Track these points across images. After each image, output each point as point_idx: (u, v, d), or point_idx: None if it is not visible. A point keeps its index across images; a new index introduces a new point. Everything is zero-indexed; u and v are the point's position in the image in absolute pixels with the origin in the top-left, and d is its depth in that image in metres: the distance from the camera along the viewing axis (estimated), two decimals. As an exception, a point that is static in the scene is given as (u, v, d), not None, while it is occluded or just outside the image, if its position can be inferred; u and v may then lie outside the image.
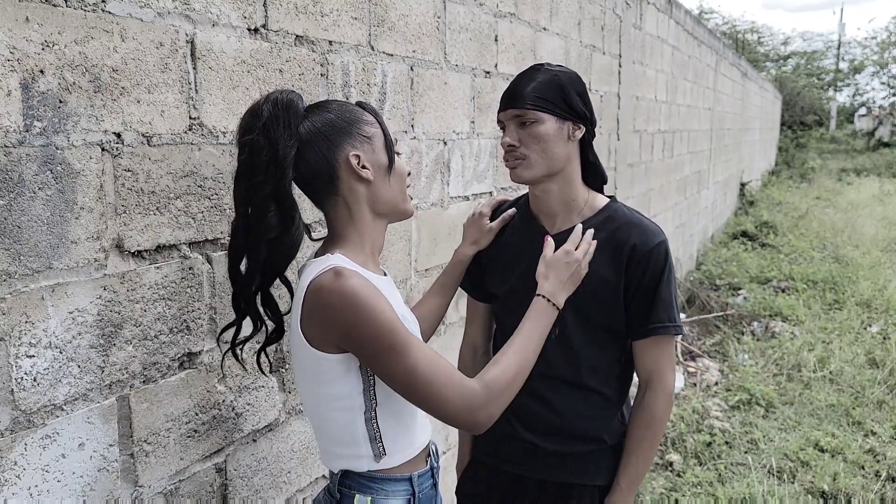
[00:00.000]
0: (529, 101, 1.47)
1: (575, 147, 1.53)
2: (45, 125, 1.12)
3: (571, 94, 1.48)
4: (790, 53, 35.15)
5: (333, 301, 1.13)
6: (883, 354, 4.96)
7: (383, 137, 1.27)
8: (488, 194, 2.74)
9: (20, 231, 1.09)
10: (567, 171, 1.53)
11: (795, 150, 23.50)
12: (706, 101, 8.03)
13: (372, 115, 1.28)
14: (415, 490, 1.29)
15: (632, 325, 1.54)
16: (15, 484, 1.11)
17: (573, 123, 1.50)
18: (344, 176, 1.22)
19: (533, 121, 1.47)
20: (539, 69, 1.52)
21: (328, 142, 1.21)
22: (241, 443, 1.58)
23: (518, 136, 1.49)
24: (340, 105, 1.26)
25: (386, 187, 1.26)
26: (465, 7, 2.43)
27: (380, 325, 1.13)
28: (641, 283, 1.50)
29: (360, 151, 1.23)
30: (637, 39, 4.69)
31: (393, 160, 1.27)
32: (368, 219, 1.27)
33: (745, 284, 6.96)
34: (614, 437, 1.60)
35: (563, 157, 1.51)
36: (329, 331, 1.17)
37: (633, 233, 1.51)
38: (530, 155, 1.49)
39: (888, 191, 14.83)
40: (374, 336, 1.13)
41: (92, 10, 1.18)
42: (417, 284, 2.29)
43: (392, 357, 1.14)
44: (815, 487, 3.31)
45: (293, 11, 1.63)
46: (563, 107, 1.48)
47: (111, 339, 1.25)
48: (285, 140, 1.17)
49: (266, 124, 1.17)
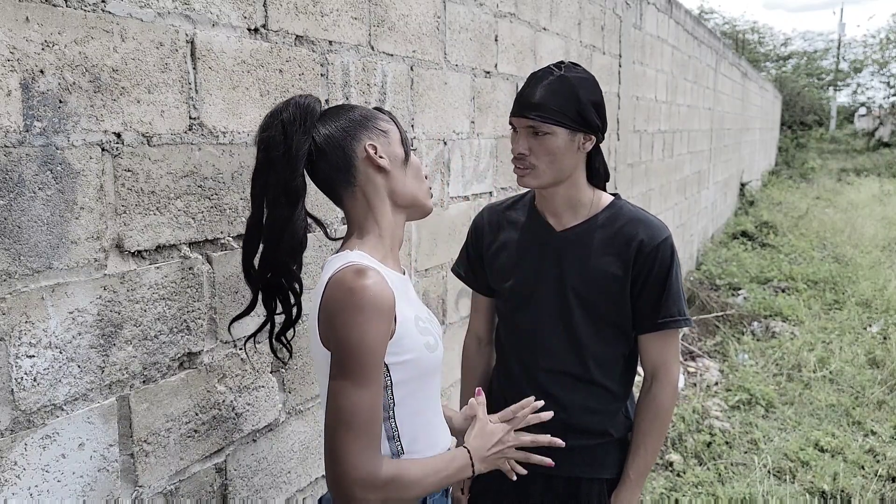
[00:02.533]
0: (543, 114, 1.46)
1: (583, 155, 1.54)
2: (45, 125, 1.12)
3: (586, 107, 1.47)
4: (790, 53, 35.14)
5: (341, 296, 1.13)
6: (883, 354, 4.96)
7: (398, 133, 1.29)
8: (488, 194, 2.75)
9: (20, 231, 1.09)
10: (574, 176, 1.55)
11: (795, 150, 23.49)
12: (706, 101, 8.03)
13: (387, 115, 1.31)
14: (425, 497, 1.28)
15: (640, 320, 1.56)
16: (15, 484, 1.11)
17: (584, 135, 1.50)
18: (361, 166, 1.23)
19: (546, 133, 1.47)
20: (555, 73, 1.49)
21: (345, 134, 1.23)
22: (241, 443, 1.58)
23: (529, 144, 1.49)
24: (356, 106, 1.30)
25: (403, 179, 1.28)
26: (465, 7, 2.43)
27: (365, 340, 1.11)
28: (649, 279, 1.52)
29: (376, 143, 1.25)
30: (637, 39, 4.69)
31: (409, 154, 1.29)
32: (388, 210, 1.27)
33: (745, 284, 6.96)
34: (620, 431, 1.62)
35: (571, 167, 1.52)
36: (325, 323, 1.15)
37: (639, 229, 1.53)
38: (539, 165, 1.50)
39: (888, 191, 14.82)
40: (352, 346, 1.11)
41: (92, 10, 1.18)
42: (417, 284, 2.29)
43: (346, 377, 1.12)
44: (815, 487, 3.31)
45: (293, 11, 1.63)
46: (576, 119, 1.47)
47: (111, 339, 1.25)
48: (299, 136, 1.19)
49: (283, 121, 1.19)
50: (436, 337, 1.27)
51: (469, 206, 2.60)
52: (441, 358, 1.28)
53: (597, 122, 1.50)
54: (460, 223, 2.54)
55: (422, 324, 1.25)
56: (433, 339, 1.25)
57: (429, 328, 1.27)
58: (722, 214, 10.29)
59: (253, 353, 1.59)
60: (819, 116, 30.92)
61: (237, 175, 1.51)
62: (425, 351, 1.22)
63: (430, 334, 1.25)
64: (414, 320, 1.23)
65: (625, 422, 1.64)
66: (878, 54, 31.28)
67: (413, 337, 1.21)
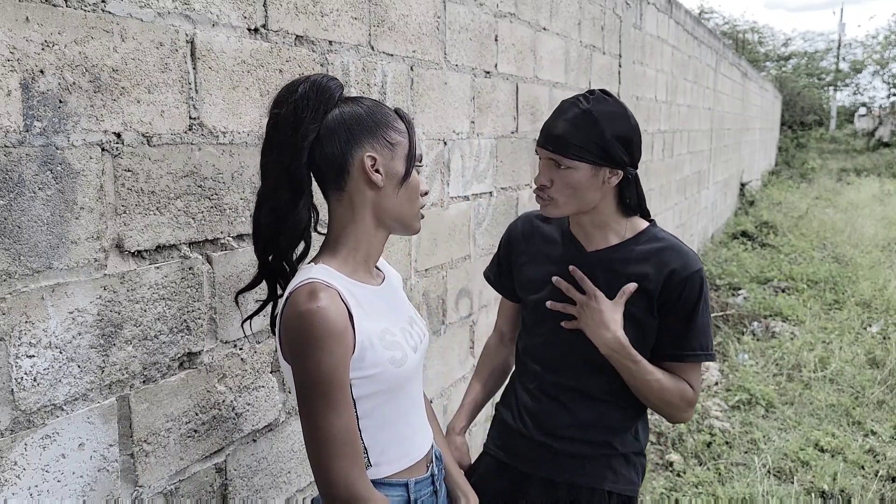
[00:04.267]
0: (564, 150, 1.44)
1: (610, 188, 1.50)
2: (45, 125, 1.12)
3: (610, 142, 1.43)
4: (791, 54, 35.13)
5: (293, 323, 1.12)
6: (883, 354, 4.96)
7: (408, 148, 1.23)
8: (488, 194, 2.75)
9: (20, 231, 1.09)
10: (600, 206, 1.52)
11: (795, 150, 23.49)
12: (706, 101, 8.03)
13: (404, 125, 1.24)
14: (410, 496, 1.28)
15: (660, 348, 1.54)
16: (15, 484, 1.11)
17: (610, 169, 1.46)
18: (355, 174, 1.19)
19: (567, 167, 1.45)
20: (581, 105, 1.45)
21: (349, 135, 1.18)
22: (241, 443, 1.58)
23: (550, 176, 1.48)
24: (375, 104, 1.23)
25: (394, 198, 1.22)
26: (465, 7, 2.43)
27: (321, 369, 1.11)
28: (675, 308, 1.49)
29: (377, 154, 1.19)
30: (637, 39, 4.69)
31: (409, 173, 1.23)
32: (370, 225, 1.23)
33: (745, 284, 6.96)
34: (626, 447, 1.60)
35: (594, 200, 1.49)
36: (285, 347, 1.17)
37: (671, 257, 1.50)
38: (558, 198, 1.48)
39: (888, 191, 14.82)
40: (311, 376, 1.11)
41: (92, 10, 1.18)
42: (417, 284, 2.29)
43: (316, 404, 1.12)
44: (815, 487, 3.31)
45: (293, 11, 1.63)
46: (600, 155, 1.44)
47: (111, 339, 1.25)
48: (308, 122, 1.16)
49: (297, 101, 1.16)
50: (405, 351, 1.24)
51: (469, 207, 2.60)
52: (412, 370, 1.26)
53: (623, 157, 1.45)
54: (460, 223, 2.54)
55: (389, 337, 1.22)
56: (400, 354, 1.22)
57: (398, 342, 1.24)
58: (722, 214, 10.29)
59: (253, 354, 1.59)
60: (819, 116, 30.91)
61: (237, 175, 1.51)
62: (390, 366, 1.20)
63: (398, 348, 1.22)
64: (379, 335, 1.20)
65: (633, 442, 1.61)
66: (878, 54, 31.28)
67: (377, 352, 1.18)
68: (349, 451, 1.13)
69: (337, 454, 1.12)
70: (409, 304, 1.39)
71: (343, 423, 1.12)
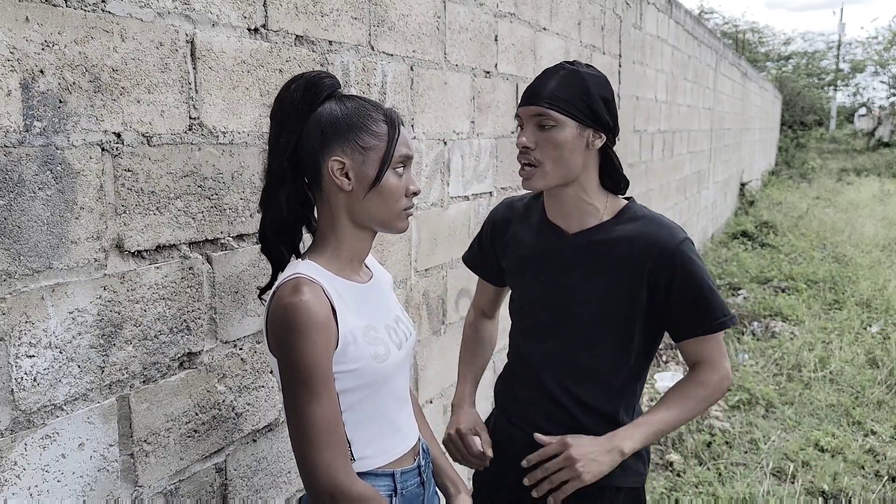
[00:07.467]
0: (552, 102, 1.43)
1: (593, 155, 1.49)
2: (45, 125, 1.12)
3: (597, 101, 1.44)
4: (791, 54, 35.11)
5: (278, 315, 1.15)
6: (883, 354, 4.96)
7: (383, 153, 1.21)
8: (488, 194, 2.75)
9: (20, 231, 1.09)
10: (582, 178, 1.50)
11: (795, 150, 23.48)
12: (706, 101, 8.03)
13: (386, 127, 1.22)
14: (397, 487, 1.29)
15: (677, 328, 1.51)
16: (15, 484, 1.11)
17: (594, 131, 1.46)
18: (327, 175, 1.22)
19: (553, 125, 1.43)
20: (566, 67, 1.47)
21: (322, 137, 1.20)
22: (241, 443, 1.58)
23: (535, 138, 1.45)
24: (358, 106, 1.22)
25: (362, 202, 1.22)
26: (465, 7, 2.43)
27: (303, 359, 1.13)
28: (674, 283, 1.46)
29: (346, 159, 1.19)
30: (637, 39, 4.69)
31: (380, 178, 1.21)
32: (348, 226, 1.25)
33: (745, 284, 6.96)
34: None
35: (578, 166, 1.47)
36: (271, 338, 1.20)
37: (656, 231, 1.48)
38: (545, 162, 1.45)
39: (888, 191, 14.82)
40: (294, 365, 1.14)
41: (92, 10, 1.18)
42: (417, 284, 2.29)
43: (299, 394, 1.14)
44: (815, 487, 3.31)
45: (293, 11, 1.63)
46: (586, 112, 1.43)
47: (111, 339, 1.25)
48: (291, 123, 1.20)
49: (285, 99, 1.21)
50: (388, 347, 1.25)
51: (469, 206, 2.60)
52: (396, 366, 1.27)
53: (606, 117, 1.45)
54: (460, 223, 2.54)
55: (373, 333, 1.24)
56: (383, 350, 1.24)
57: (381, 338, 1.25)
58: (722, 214, 10.29)
59: (253, 354, 1.59)
60: (819, 116, 30.90)
61: (237, 175, 1.51)
62: (372, 361, 1.22)
63: (382, 344, 1.24)
64: (363, 330, 1.22)
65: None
66: (879, 55, 31.26)
67: (360, 347, 1.20)
68: (332, 441, 1.14)
69: (319, 443, 1.13)
70: (398, 304, 1.41)
71: (326, 412, 1.14)
